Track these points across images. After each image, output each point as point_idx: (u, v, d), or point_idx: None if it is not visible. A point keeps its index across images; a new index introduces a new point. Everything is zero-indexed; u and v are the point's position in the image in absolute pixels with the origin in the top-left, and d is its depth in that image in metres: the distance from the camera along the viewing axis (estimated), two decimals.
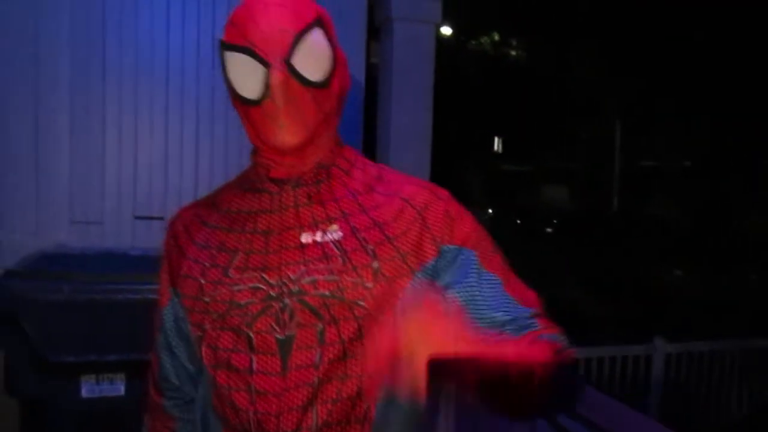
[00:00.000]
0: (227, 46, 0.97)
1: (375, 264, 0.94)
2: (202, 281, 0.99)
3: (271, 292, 0.94)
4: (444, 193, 1.04)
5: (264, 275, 0.95)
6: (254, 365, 0.93)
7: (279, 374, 0.92)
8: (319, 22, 0.98)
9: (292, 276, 0.94)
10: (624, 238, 11.22)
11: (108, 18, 2.64)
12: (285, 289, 0.94)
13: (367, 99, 3.06)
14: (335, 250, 0.95)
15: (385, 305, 0.93)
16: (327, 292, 0.93)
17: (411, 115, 3.07)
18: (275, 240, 0.97)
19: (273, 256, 0.96)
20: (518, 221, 18.38)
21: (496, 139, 21.65)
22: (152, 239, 2.72)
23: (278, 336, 0.93)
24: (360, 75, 3.03)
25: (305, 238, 0.97)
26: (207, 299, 0.97)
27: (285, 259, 0.95)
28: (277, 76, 0.92)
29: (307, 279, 0.94)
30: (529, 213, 18.09)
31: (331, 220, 0.98)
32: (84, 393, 2.04)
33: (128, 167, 2.71)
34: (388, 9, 3.00)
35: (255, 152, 1.08)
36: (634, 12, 12.44)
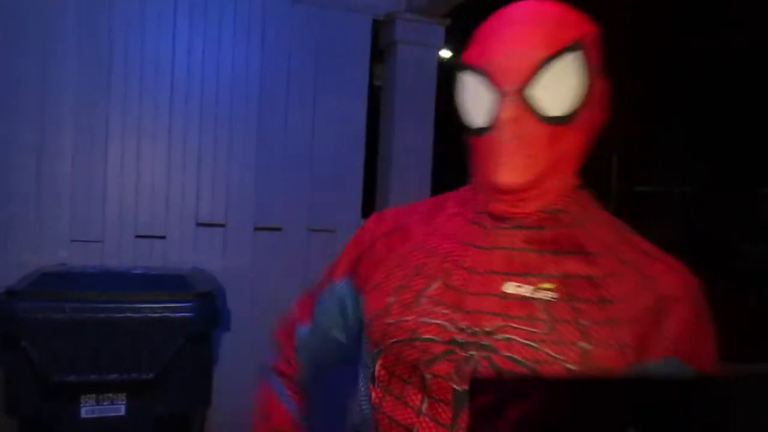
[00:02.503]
0: (463, 66, 0.88)
1: (584, 345, 0.78)
2: (392, 300, 0.90)
3: (458, 338, 0.83)
4: (697, 286, 0.85)
5: (455, 316, 0.84)
6: (424, 407, 0.83)
7: (447, 426, 0.81)
8: (577, 46, 0.83)
9: (487, 327, 0.82)
10: None
11: (114, 39, 2.66)
12: (474, 339, 0.82)
13: (369, 120, 3.08)
14: (542, 313, 0.81)
15: None
16: (521, 359, 0.79)
17: (413, 135, 3.08)
18: (477, 281, 0.86)
19: (471, 297, 0.85)
20: None
21: None
22: (154, 258, 2.72)
23: (455, 386, 0.81)
24: (363, 97, 3.06)
25: (510, 288, 0.84)
26: (391, 321, 0.89)
27: (483, 305, 0.83)
28: (507, 108, 0.81)
29: (502, 336, 0.81)
30: None
31: (546, 276, 0.83)
32: (84, 413, 2.02)
33: (130, 186, 2.71)
34: (393, 33, 3.03)
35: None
36: (631, 39, 12.56)
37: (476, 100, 0.86)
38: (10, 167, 2.58)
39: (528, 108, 0.81)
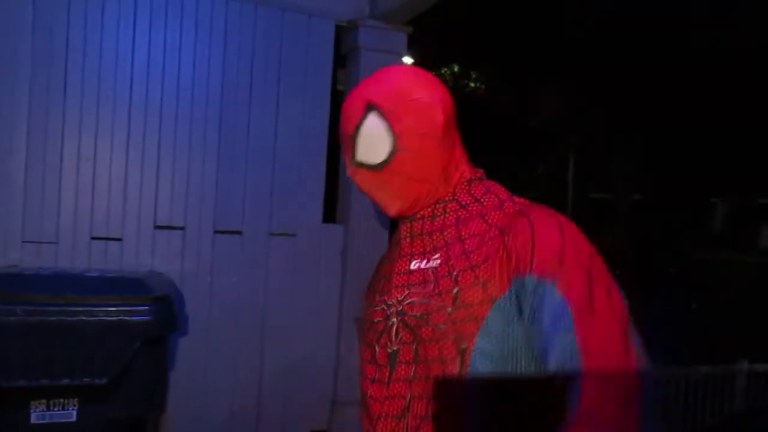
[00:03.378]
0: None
1: (455, 290, 1.02)
2: (366, 303, 1.22)
3: (388, 312, 1.11)
4: (538, 215, 1.04)
5: (385, 297, 1.13)
6: (376, 375, 1.11)
7: (385, 383, 1.09)
8: (370, 107, 1.09)
9: (398, 297, 1.10)
10: None
11: (72, 40, 2.60)
12: (393, 309, 1.10)
13: (332, 125, 3.09)
14: (431, 276, 1.07)
15: (463, 330, 1.01)
16: (419, 314, 1.05)
17: None
18: (395, 266, 1.14)
19: (390, 281, 1.13)
20: None
21: None
22: (110, 261, 2.66)
23: (389, 350, 1.09)
24: (326, 102, 3.06)
25: (414, 264, 1.11)
26: (364, 320, 1.20)
27: (396, 282, 1.12)
28: (349, 173, 1.14)
29: (408, 301, 1.08)
30: None
31: (435, 249, 1.09)
32: (34, 419, 1.96)
33: (86, 187, 2.66)
34: (355, 38, 3.05)
35: None
36: (591, 52, 12.88)
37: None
38: None
39: (359, 166, 1.11)
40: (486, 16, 12.68)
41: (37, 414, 1.97)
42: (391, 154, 1.07)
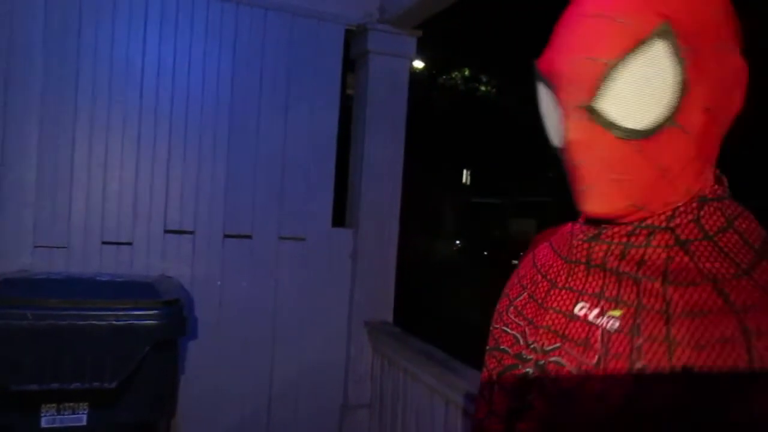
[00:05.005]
0: (536, 74, 0.75)
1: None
2: (496, 308, 0.92)
3: (524, 353, 0.80)
4: None
5: (528, 329, 0.80)
6: (487, 417, 0.85)
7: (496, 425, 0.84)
8: (663, 33, 0.63)
9: (546, 347, 0.76)
10: None
11: (83, 40, 2.62)
12: (534, 357, 0.78)
13: (341, 129, 3.09)
14: (598, 342, 0.70)
15: None
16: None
17: (384, 145, 3.10)
18: (555, 295, 0.79)
19: (545, 312, 0.79)
20: (485, 252, 18.53)
21: (464, 172, 21.93)
22: (120, 265, 2.68)
23: (511, 405, 0.80)
24: (335, 107, 3.07)
25: (580, 309, 0.75)
26: (491, 327, 0.90)
27: (552, 322, 0.77)
28: (570, 128, 0.67)
29: (554, 358, 0.75)
30: (497, 245, 18.25)
31: (618, 302, 0.70)
32: (44, 423, 1.97)
33: (97, 192, 2.67)
34: (365, 43, 3.05)
35: None
36: None
37: (548, 115, 0.73)
38: None
39: (600, 123, 0.66)
40: (495, 19, 12.67)
41: (47, 418, 1.98)
42: (669, 120, 0.65)
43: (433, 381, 2.38)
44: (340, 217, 3.19)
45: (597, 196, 0.68)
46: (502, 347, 0.84)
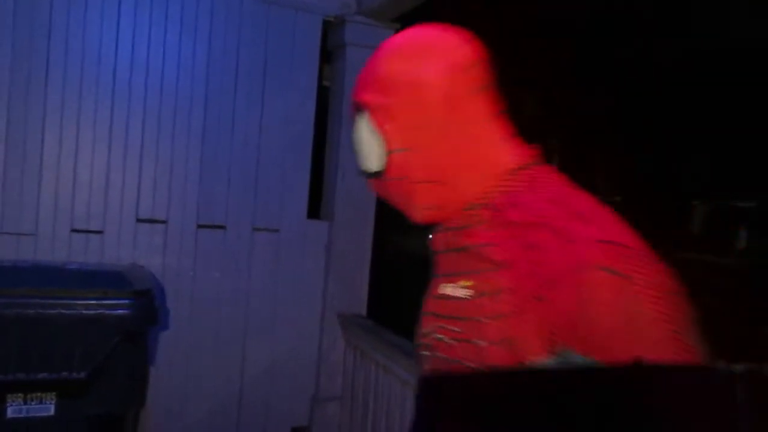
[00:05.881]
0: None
1: (481, 342, 0.80)
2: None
3: (420, 339, 0.97)
4: (604, 255, 0.72)
5: (422, 318, 0.97)
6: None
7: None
8: (358, 108, 0.94)
9: (427, 329, 0.94)
10: None
11: (54, 27, 2.56)
12: (424, 341, 0.94)
13: (318, 120, 3.08)
14: (458, 311, 0.85)
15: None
16: (446, 357, 0.87)
17: None
18: (433, 284, 0.96)
19: (427, 301, 0.97)
20: None
21: None
22: (90, 254, 2.63)
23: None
24: (312, 98, 3.05)
25: (444, 289, 0.90)
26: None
27: (429, 307, 0.95)
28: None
29: (435, 336, 0.90)
30: None
31: (463, 274, 0.86)
32: (10, 413, 1.93)
33: (67, 178, 2.62)
34: (342, 34, 3.04)
35: None
36: (572, 53, 12.97)
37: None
38: None
39: (367, 176, 0.95)
40: (472, 15, 12.71)
41: (13, 408, 1.95)
42: (385, 159, 0.89)
43: (405, 373, 2.39)
44: (315, 210, 3.18)
45: (410, 216, 0.93)
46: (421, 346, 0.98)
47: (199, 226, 2.85)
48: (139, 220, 2.74)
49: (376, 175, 0.92)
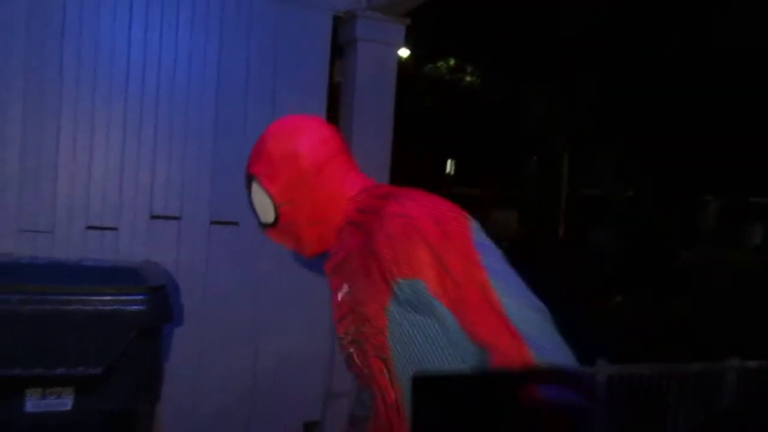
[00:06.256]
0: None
1: (357, 308, 1.13)
2: None
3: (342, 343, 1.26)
4: (387, 214, 1.09)
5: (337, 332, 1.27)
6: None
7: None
8: (249, 178, 1.26)
9: (339, 336, 1.24)
10: (568, 263, 11.51)
11: (67, 24, 2.58)
12: (341, 343, 1.24)
13: (328, 117, 3.08)
14: (347, 302, 1.18)
15: (376, 343, 1.10)
16: (349, 350, 1.21)
17: (372, 132, 3.10)
18: (332, 298, 1.26)
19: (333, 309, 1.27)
20: None
21: (449, 162, 21.97)
22: (105, 250, 2.66)
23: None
24: (323, 94, 3.05)
25: (338, 296, 1.22)
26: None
27: (334, 313, 1.26)
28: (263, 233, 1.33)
29: (340, 336, 1.23)
30: None
31: (346, 278, 1.18)
32: (28, 407, 1.95)
33: (82, 176, 2.64)
34: (353, 30, 3.04)
35: None
36: (584, 49, 12.88)
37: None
38: None
39: (264, 228, 1.30)
40: (483, 10, 12.66)
41: (32, 402, 1.97)
42: (276, 210, 1.23)
43: None
44: None
45: (303, 252, 1.31)
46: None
47: (213, 222, 2.86)
48: (152, 217, 2.76)
49: (273, 224, 1.25)
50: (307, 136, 1.24)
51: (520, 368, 0.94)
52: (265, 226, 1.28)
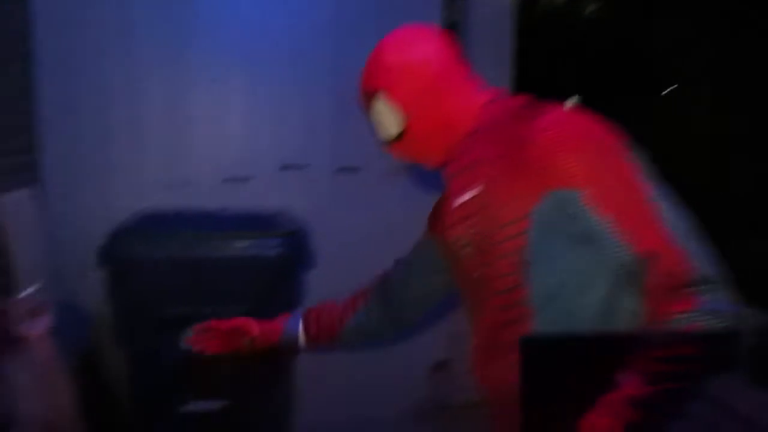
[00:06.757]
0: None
1: (492, 211, 1.13)
2: None
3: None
4: (539, 123, 1.07)
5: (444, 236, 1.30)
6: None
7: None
8: (369, 95, 1.25)
9: (455, 237, 1.24)
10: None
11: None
12: (457, 246, 1.24)
13: None
14: (470, 208, 1.16)
15: (510, 247, 1.10)
16: (471, 251, 1.21)
17: (489, 75, 2.99)
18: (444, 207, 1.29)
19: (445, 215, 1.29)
20: None
21: (572, 99, 20.99)
22: (240, 200, 2.82)
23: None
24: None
25: (458, 201, 1.20)
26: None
27: (452, 218, 1.24)
28: (384, 151, 1.31)
29: (461, 237, 1.21)
30: None
31: (473, 182, 1.16)
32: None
33: (217, 132, 2.82)
34: None
35: None
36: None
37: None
38: (105, 121, 2.72)
39: (387, 145, 1.28)
40: None
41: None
42: (404, 123, 1.20)
43: None
44: None
45: (430, 162, 1.27)
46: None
47: (339, 169, 2.94)
48: (282, 167, 2.88)
49: (398, 138, 1.22)
50: (428, 43, 1.22)
51: (637, 331, 1.01)
52: (389, 142, 1.26)
